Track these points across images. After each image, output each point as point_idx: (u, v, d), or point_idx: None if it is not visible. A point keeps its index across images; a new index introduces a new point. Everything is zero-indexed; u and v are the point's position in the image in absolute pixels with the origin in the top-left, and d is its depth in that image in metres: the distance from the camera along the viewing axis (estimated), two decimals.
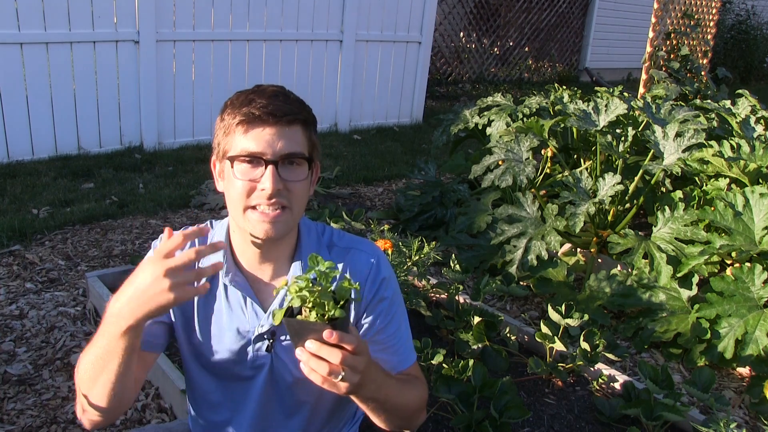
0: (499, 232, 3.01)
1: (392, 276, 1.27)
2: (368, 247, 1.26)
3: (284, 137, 1.09)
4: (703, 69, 6.55)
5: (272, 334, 1.21)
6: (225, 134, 1.12)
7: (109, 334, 1.01)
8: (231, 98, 1.14)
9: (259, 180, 1.08)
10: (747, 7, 12.01)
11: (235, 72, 5.41)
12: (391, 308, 1.25)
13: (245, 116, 1.08)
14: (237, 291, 1.20)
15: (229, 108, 1.12)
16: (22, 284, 2.85)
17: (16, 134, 4.44)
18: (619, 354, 2.32)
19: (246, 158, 1.08)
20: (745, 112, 3.71)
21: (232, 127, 1.10)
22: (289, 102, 1.11)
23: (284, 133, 1.09)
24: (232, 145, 1.10)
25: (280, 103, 1.09)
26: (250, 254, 1.19)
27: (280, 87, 1.14)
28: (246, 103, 1.09)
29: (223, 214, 3.86)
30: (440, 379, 2.03)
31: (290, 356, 1.22)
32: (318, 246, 1.23)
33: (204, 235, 1.12)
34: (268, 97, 1.09)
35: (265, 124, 1.08)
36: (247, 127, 1.08)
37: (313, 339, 0.93)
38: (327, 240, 1.26)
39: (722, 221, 2.66)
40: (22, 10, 4.23)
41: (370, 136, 6.11)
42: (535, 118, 3.24)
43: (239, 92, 1.14)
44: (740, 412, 2.28)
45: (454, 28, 8.83)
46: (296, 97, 1.15)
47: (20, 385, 2.17)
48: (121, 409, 1.12)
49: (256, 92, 1.11)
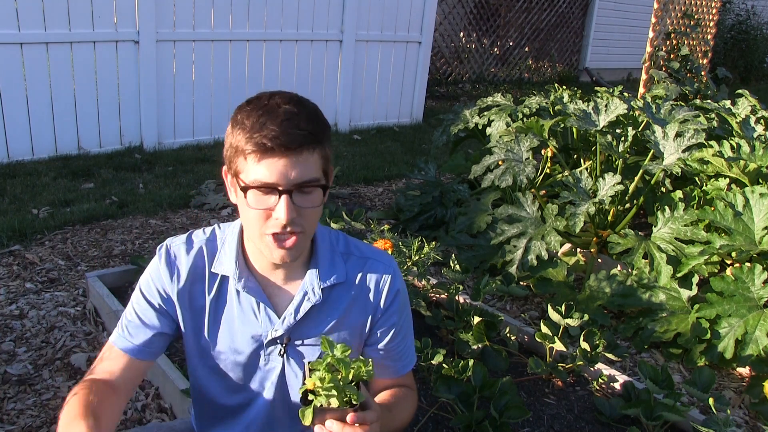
0: (499, 232, 3.01)
1: (405, 288, 1.30)
2: (385, 258, 1.28)
3: (298, 166, 1.05)
4: (703, 69, 6.56)
5: (286, 339, 1.22)
6: (236, 154, 1.07)
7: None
8: (242, 111, 1.08)
9: (274, 208, 1.06)
10: (747, 7, 12.01)
11: (235, 72, 5.41)
12: (400, 320, 1.29)
13: (257, 146, 1.03)
14: (250, 296, 1.20)
15: (239, 127, 1.06)
16: (22, 284, 2.85)
17: (16, 134, 4.44)
18: (619, 354, 2.32)
19: (259, 188, 1.06)
20: (745, 112, 3.71)
21: (244, 153, 1.05)
22: (302, 126, 1.05)
23: (298, 162, 1.05)
24: (245, 171, 1.06)
25: (293, 130, 1.04)
26: (265, 261, 1.19)
27: (292, 102, 1.08)
28: (257, 129, 1.04)
29: (223, 214, 3.86)
30: (440, 379, 2.03)
31: (301, 361, 1.23)
32: (332, 254, 1.24)
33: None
34: (281, 123, 1.03)
35: (277, 154, 1.04)
36: (260, 157, 1.04)
37: (333, 419, 0.99)
38: (342, 248, 1.26)
39: (722, 221, 2.66)
40: (22, 10, 4.23)
41: (370, 136, 6.11)
42: (535, 118, 3.24)
43: (251, 105, 1.08)
44: (740, 412, 2.28)
45: (454, 28, 8.83)
46: (310, 111, 1.09)
47: (20, 385, 2.17)
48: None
49: (268, 113, 1.05)
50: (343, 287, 1.23)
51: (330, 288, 1.22)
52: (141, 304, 1.22)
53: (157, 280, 1.21)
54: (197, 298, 1.22)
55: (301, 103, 1.09)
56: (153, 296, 1.21)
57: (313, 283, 1.20)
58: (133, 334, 1.20)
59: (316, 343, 1.23)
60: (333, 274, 1.22)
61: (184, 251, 1.22)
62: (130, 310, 1.23)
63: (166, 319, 1.23)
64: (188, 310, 1.22)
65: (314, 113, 1.10)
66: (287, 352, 1.22)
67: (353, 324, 1.24)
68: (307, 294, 1.20)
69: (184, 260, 1.21)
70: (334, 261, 1.23)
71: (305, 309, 1.20)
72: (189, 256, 1.21)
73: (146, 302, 1.22)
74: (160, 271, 1.21)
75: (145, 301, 1.22)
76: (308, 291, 1.20)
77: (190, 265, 1.21)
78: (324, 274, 1.21)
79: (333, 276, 1.22)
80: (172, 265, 1.21)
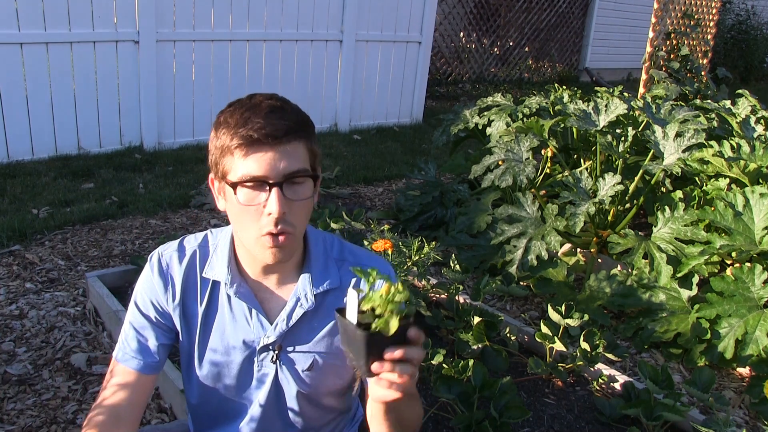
0: (499, 232, 3.01)
1: None
2: (380, 263, 1.25)
3: (286, 157, 1.04)
4: (703, 69, 6.55)
5: (278, 346, 1.20)
6: (222, 155, 1.07)
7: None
8: (225, 113, 1.09)
9: (265, 204, 1.05)
10: (747, 7, 12.00)
11: (235, 72, 5.41)
12: None
13: (243, 139, 1.03)
14: (242, 301, 1.19)
15: (224, 126, 1.06)
16: (22, 284, 2.85)
17: (16, 134, 4.44)
18: (619, 354, 2.32)
19: (248, 183, 1.05)
20: (745, 112, 3.71)
21: (230, 149, 1.05)
22: (286, 117, 1.05)
23: (285, 152, 1.04)
24: (232, 168, 1.06)
25: (278, 121, 1.04)
26: (257, 266, 1.18)
27: (274, 98, 1.09)
28: (242, 123, 1.04)
29: (222, 215, 3.86)
30: (440, 379, 2.03)
31: (294, 367, 1.22)
32: (326, 258, 1.22)
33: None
34: (265, 116, 1.04)
35: (265, 146, 1.03)
36: (246, 150, 1.03)
37: (390, 346, 0.94)
38: (336, 254, 1.23)
39: (722, 221, 2.66)
40: (22, 10, 4.23)
41: (370, 136, 6.11)
42: (535, 118, 3.24)
43: (233, 106, 1.09)
44: (740, 412, 2.28)
45: (454, 28, 8.83)
46: (293, 106, 1.10)
47: (20, 385, 2.17)
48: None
49: (251, 109, 1.05)
50: (336, 293, 1.21)
51: (323, 294, 1.20)
52: (138, 319, 1.21)
53: (150, 293, 1.20)
54: (190, 305, 1.21)
55: (284, 100, 1.10)
56: (148, 310, 1.20)
57: (306, 289, 1.18)
58: (134, 349, 1.20)
59: (309, 350, 1.21)
60: (326, 280, 1.20)
61: (176, 259, 1.21)
62: (128, 326, 1.22)
63: (164, 331, 1.22)
64: (182, 318, 1.21)
65: (297, 109, 1.10)
66: (280, 358, 1.21)
67: None
68: (299, 300, 1.18)
69: (177, 269, 1.20)
70: (328, 266, 1.21)
71: (298, 315, 1.18)
72: (182, 265, 1.20)
73: (142, 317, 1.21)
74: (153, 283, 1.20)
75: (141, 315, 1.21)
76: (301, 297, 1.18)
77: (183, 274, 1.20)
78: (317, 279, 1.19)
79: (326, 282, 1.19)
80: (165, 275, 1.20)
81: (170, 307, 1.20)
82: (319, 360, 1.22)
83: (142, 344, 1.20)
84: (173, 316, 1.21)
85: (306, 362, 1.21)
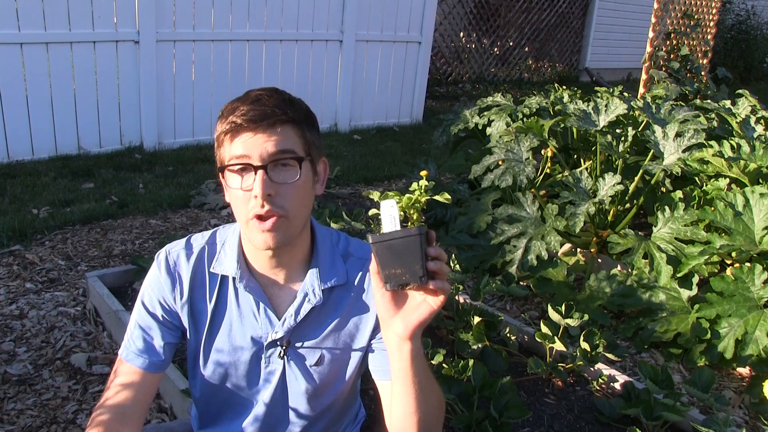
0: (499, 232, 3.01)
1: None
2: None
3: (271, 140, 1.06)
4: (703, 69, 6.56)
5: (286, 342, 1.20)
6: (218, 146, 1.11)
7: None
8: (223, 107, 1.13)
9: (252, 188, 1.06)
10: (747, 7, 12.00)
11: (235, 72, 5.41)
12: None
13: (229, 125, 1.07)
14: (249, 296, 1.19)
15: (219, 119, 1.11)
16: (22, 284, 2.85)
17: (16, 134, 4.44)
18: (619, 354, 2.32)
19: (235, 167, 1.07)
20: (745, 112, 3.71)
21: (221, 137, 1.09)
22: (273, 104, 1.08)
23: (270, 135, 1.06)
24: (225, 155, 1.09)
25: (262, 107, 1.06)
26: (264, 260, 1.18)
27: (268, 89, 1.11)
28: (231, 112, 1.07)
29: (223, 214, 3.86)
30: (440, 379, 2.03)
31: (303, 363, 1.22)
32: (332, 253, 1.23)
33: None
34: (251, 103, 1.07)
35: (249, 130, 1.06)
36: (231, 135, 1.07)
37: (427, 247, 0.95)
38: (342, 249, 1.25)
39: (722, 221, 2.66)
40: (22, 10, 4.23)
41: (370, 136, 6.11)
42: (535, 118, 3.24)
43: (232, 100, 1.12)
44: (740, 412, 2.28)
45: (454, 28, 8.83)
46: (286, 96, 1.12)
47: (20, 385, 2.17)
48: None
49: (241, 99, 1.10)
50: (343, 289, 1.22)
51: (330, 289, 1.21)
52: (144, 318, 1.21)
53: (158, 292, 1.20)
54: (198, 303, 1.21)
55: (277, 91, 1.12)
56: (155, 308, 1.21)
57: (313, 284, 1.19)
58: (139, 347, 1.20)
59: (316, 345, 1.22)
60: (334, 276, 1.20)
61: (184, 257, 1.21)
62: (134, 324, 1.22)
63: (170, 329, 1.22)
64: (190, 316, 1.21)
65: (290, 99, 1.12)
66: (287, 354, 1.21)
67: (354, 326, 1.24)
68: (307, 295, 1.19)
69: (185, 267, 1.20)
70: (335, 262, 1.22)
71: (305, 310, 1.19)
72: (189, 263, 1.20)
73: (149, 315, 1.21)
74: (161, 281, 1.20)
75: (148, 314, 1.21)
76: (308, 292, 1.19)
77: (191, 271, 1.20)
78: (324, 275, 1.20)
79: (333, 278, 1.20)
80: (172, 273, 1.20)
81: (178, 305, 1.20)
82: (327, 355, 1.23)
83: (148, 343, 1.20)
84: (181, 315, 1.21)
85: (314, 357, 1.22)
